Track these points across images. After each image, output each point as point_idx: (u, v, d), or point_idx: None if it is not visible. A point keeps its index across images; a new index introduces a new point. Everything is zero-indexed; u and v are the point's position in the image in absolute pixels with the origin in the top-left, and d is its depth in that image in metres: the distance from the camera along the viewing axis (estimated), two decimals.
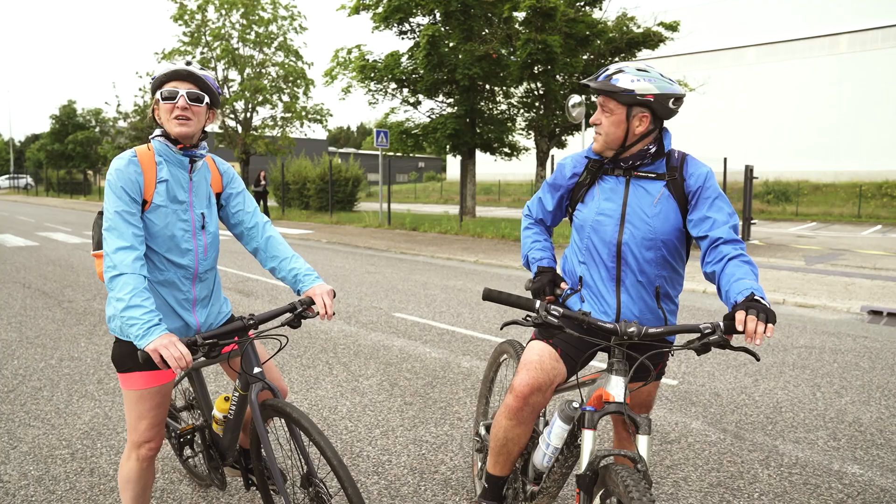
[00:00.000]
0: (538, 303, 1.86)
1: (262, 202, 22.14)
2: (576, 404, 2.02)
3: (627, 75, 2.02)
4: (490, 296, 1.92)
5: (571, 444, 2.04)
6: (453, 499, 2.94)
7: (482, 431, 2.73)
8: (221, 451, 2.48)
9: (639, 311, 2.15)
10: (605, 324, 1.85)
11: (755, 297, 1.75)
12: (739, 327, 1.67)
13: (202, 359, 2.44)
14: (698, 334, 1.77)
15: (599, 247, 2.16)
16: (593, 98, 19.99)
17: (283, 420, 2.14)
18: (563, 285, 2.26)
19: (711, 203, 2.07)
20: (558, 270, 2.34)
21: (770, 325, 1.66)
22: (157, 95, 2.06)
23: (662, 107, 2.03)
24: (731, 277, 1.88)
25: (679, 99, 2.04)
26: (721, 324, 1.75)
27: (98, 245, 2.19)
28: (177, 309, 2.17)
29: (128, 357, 2.12)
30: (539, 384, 2.13)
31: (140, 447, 2.22)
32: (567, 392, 2.15)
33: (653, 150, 2.10)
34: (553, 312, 1.84)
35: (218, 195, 2.30)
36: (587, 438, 1.82)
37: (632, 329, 1.81)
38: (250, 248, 2.36)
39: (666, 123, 2.13)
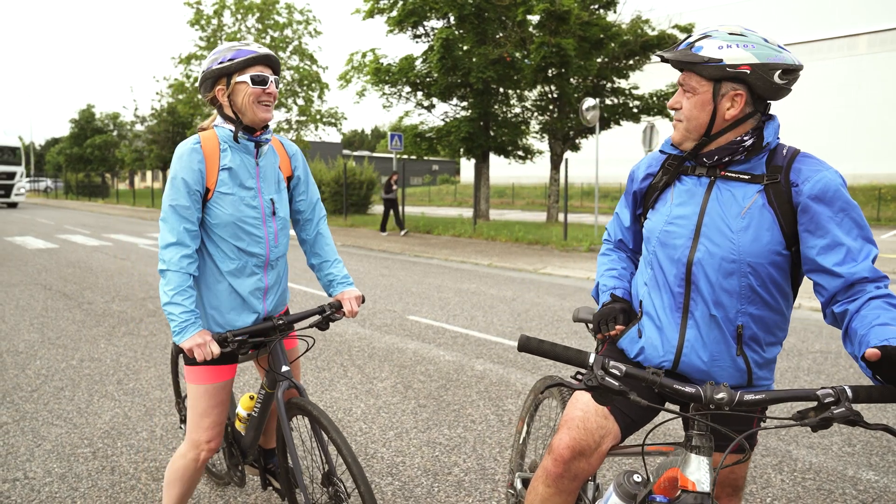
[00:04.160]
0: (593, 357, 1.37)
1: (389, 213, 17.39)
2: (638, 478, 1.59)
3: (715, 41, 1.55)
4: (528, 346, 1.41)
5: None
6: (466, 500, 2.97)
7: (518, 485, 2.35)
8: (243, 449, 2.54)
9: (709, 355, 1.64)
10: (684, 388, 1.37)
11: None
12: None
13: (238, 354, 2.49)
14: (815, 403, 1.28)
15: (665, 265, 1.68)
16: (607, 101, 19.98)
17: (305, 419, 2.18)
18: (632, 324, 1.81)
19: (840, 222, 1.51)
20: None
21: None
22: (244, 78, 1.99)
23: (764, 81, 1.52)
24: (875, 319, 1.36)
25: (790, 71, 1.53)
26: (847, 389, 1.25)
27: None
28: (249, 300, 2.15)
29: None
30: (581, 448, 1.71)
31: (199, 446, 2.19)
32: (627, 457, 1.77)
33: (748, 142, 1.59)
34: (613, 371, 1.34)
35: (288, 179, 2.27)
36: None
37: (721, 395, 1.33)
38: (299, 237, 2.41)
39: (775, 108, 1.62)
